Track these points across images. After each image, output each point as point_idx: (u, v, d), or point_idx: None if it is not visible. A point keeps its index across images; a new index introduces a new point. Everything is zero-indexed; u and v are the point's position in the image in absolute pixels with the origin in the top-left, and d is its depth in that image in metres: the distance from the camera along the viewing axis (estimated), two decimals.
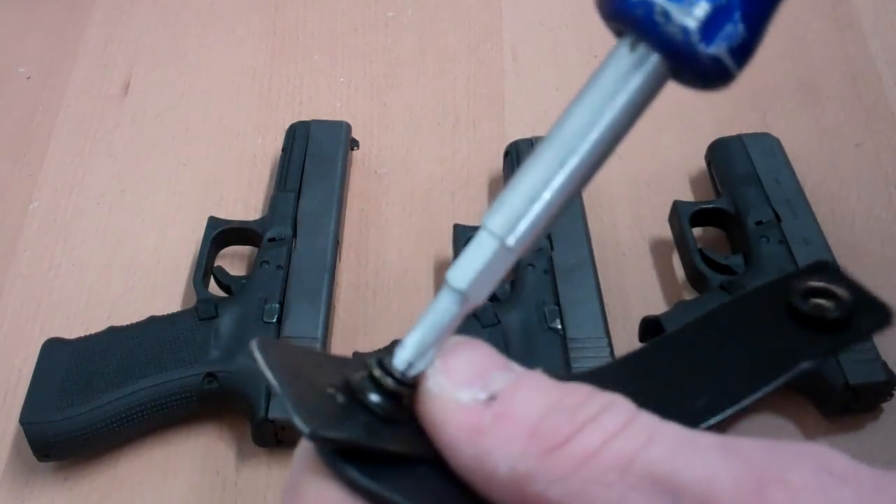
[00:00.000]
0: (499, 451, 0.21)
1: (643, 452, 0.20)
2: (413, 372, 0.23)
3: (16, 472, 0.54)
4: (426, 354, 0.23)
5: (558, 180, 0.23)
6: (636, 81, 0.22)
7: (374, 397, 0.23)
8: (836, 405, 0.54)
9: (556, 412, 0.21)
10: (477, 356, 0.24)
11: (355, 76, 0.76)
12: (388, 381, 0.23)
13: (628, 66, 0.22)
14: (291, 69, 0.76)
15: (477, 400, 0.22)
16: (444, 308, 0.23)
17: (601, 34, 0.24)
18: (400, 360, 0.23)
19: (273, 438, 0.54)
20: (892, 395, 0.54)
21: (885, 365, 0.53)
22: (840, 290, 0.26)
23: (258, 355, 0.22)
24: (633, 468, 0.20)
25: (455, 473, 0.23)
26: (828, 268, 0.27)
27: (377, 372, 0.23)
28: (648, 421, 0.21)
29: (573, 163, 0.22)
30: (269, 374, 0.22)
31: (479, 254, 0.23)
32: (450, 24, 0.80)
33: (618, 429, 0.21)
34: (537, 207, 0.23)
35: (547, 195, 0.23)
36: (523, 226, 0.23)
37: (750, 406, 0.24)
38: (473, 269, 0.23)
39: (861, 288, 0.26)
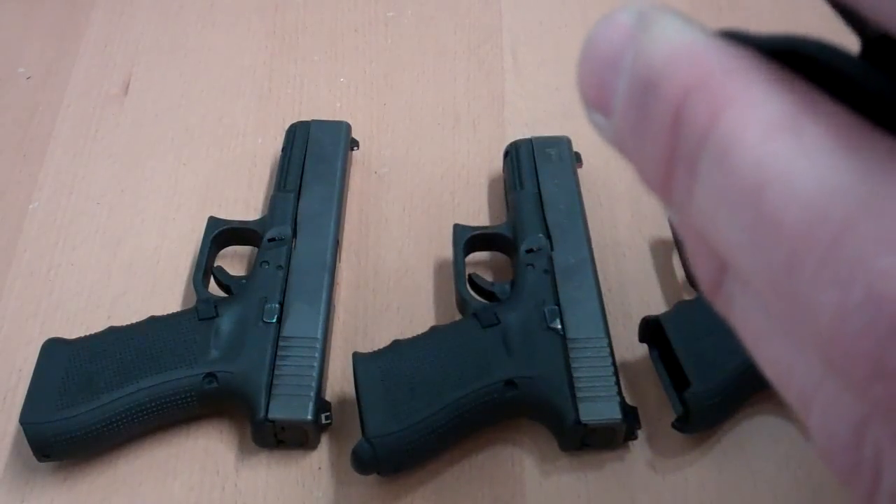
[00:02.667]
0: None
1: None
2: None
3: (16, 472, 0.54)
4: None
5: None
6: None
7: None
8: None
9: None
10: None
11: (355, 76, 0.76)
12: None
13: None
14: (291, 69, 0.76)
15: None
16: None
17: None
18: None
19: (273, 438, 0.54)
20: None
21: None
22: None
23: None
24: None
25: None
26: None
27: None
28: None
29: None
30: None
31: None
32: (450, 24, 0.80)
33: None
34: None
35: None
36: None
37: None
38: None
39: None
